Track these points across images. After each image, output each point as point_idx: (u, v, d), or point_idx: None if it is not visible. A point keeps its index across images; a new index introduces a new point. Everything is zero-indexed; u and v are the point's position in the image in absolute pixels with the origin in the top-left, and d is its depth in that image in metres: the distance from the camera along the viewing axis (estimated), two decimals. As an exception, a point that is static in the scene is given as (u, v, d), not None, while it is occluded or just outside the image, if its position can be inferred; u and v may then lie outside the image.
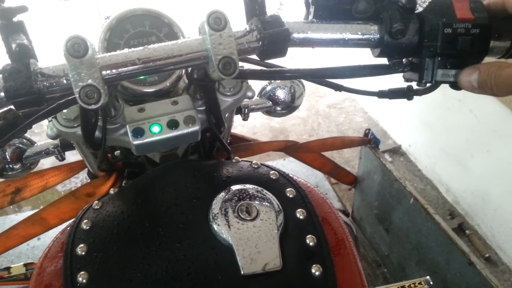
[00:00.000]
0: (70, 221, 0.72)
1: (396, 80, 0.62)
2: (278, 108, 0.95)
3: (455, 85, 0.52)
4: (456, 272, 1.30)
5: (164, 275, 0.48)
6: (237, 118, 0.92)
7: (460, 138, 2.05)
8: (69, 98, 0.49)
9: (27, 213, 1.80)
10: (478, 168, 1.99)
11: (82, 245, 0.51)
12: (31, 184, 0.98)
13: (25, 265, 1.35)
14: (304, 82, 0.98)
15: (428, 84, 0.55)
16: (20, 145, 0.82)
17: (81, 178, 2.10)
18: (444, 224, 1.34)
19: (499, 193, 1.88)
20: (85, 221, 0.54)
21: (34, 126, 0.50)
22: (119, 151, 0.81)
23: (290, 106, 0.96)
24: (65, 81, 0.44)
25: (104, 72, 0.45)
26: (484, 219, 2.00)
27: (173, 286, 0.48)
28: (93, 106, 0.43)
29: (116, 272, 0.49)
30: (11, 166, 0.82)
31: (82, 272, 0.49)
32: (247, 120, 0.93)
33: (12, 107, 0.47)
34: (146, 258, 0.50)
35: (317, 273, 0.50)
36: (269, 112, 0.96)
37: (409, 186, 1.45)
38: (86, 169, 0.94)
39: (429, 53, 0.50)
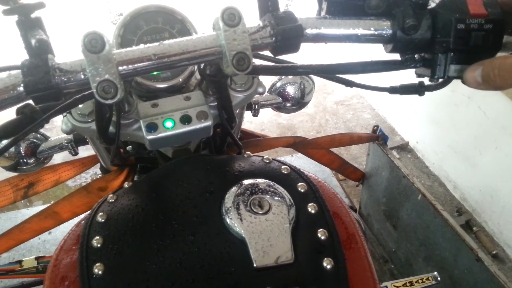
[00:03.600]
0: (83, 214, 0.73)
1: (407, 77, 0.62)
2: (288, 104, 0.96)
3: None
4: (464, 268, 1.30)
5: (178, 267, 0.49)
6: (247, 114, 0.93)
7: (469, 134, 2.04)
8: (86, 93, 0.50)
9: (38, 207, 1.83)
10: (486, 165, 1.98)
11: (97, 237, 0.52)
12: (44, 178, 0.99)
13: (37, 258, 1.37)
14: (313, 78, 0.99)
15: (440, 80, 0.55)
16: (35, 140, 0.83)
17: (91, 173, 2.12)
18: (452, 220, 1.34)
19: (507, 190, 1.87)
20: (100, 213, 0.55)
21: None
22: (131, 147, 0.82)
23: (299, 102, 0.97)
24: (82, 76, 0.45)
25: (120, 68, 0.46)
26: (492, 216, 2.00)
27: (187, 277, 0.49)
28: (110, 101, 0.44)
29: (131, 264, 0.50)
30: (25, 160, 0.84)
31: (98, 264, 0.50)
32: (257, 116, 0.93)
33: (29, 102, 0.48)
34: (161, 250, 0.51)
35: (328, 266, 0.51)
36: (279, 108, 0.97)
37: (417, 182, 1.45)
38: (98, 164, 0.96)
39: (441, 48, 0.51)
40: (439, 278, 1.16)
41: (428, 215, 1.41)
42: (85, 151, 0.94)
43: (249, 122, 2.39)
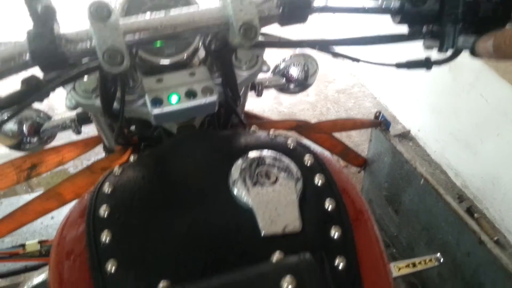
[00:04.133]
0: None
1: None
2: (292, 86, 0.96)
3: (475, 53, 0.52)
4: (466, 251, 1.31)
5: (185, 236, 0.50)
6: (249, 101, 0.92)
7: (470, 122, 2.04)
8: (90, 64, 0.50)
9: (40, 193, 1.83)
10: (488, 152, 1.98)
11: (104, 207, 0.53)
12: (47, 159, 0.99)
13: (40, 242, 1.38)
14: (317, 60, 0.98)
15: (448, 53, 0.55)
16: (38, 119, 0.83)
17: (93, 160, 2.11)
18: (454, 204, 1.34)
19: (509, 177, 1.87)
20: (106, 184, 0.56)
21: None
22: (134, 126, 0.82)
23: (303, 84, 0.97)
24: (88, 45, 0.45)
25: (127, 36, 0.46)
26: (493, 203, 2.00)
27: (194, 246, 0.49)
28: (116, 69, 0.44)
29: (139, 232, 0.50)
30: (28, 139, 0.83)
31: (105, 232, 0.50)
32: (260, 96, 0.93)
33: (34, 74, 0.48)
34: (168, 220, 0.51)
35: (336, 235, 0.51)
36: (282, 89, 0.97)
37: (420, 167, 1.45)
38: (101, 146, 0.96)
39: (450, 20, 0.50)
40: (442, 260, 1.17)
41: (431, 199, 1.41)
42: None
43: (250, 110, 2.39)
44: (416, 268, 1.21)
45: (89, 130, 0.96)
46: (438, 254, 1.20)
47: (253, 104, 0.87)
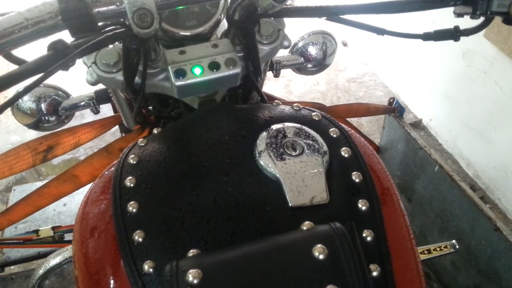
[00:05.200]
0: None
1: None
2: (309, 65, 0.95)
3: (509, 18, 0.51)
4: (481, 238, 1.30)
5: (213, 205, 0.49)
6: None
7: (484, 110, 2.01)
8: (118, 31, 0.49)
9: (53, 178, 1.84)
10: (501, 141, 1.96)
11: (130, 177, 0.52)
12: (63, 141, 0.98)
13: (53, 228, 1.38)
14: (336, 38, 0.97)
15: (479, 22, 0.54)
16: (56, 97, 0.83)
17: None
18: (470, 191, 1.33)
19: (523, 167, 1.85)
20: (131, 156, 0.55)
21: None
22: (152, 106, 0.81)
23: (321, 64, 0.95)
24: (118, 5, 0.44)
25: None
26: (506, 193, 1.98)
27: (222, 215, 0.48)
28: (145, 31, 0.43)
29: (166, 202, 0.49)
30: (47, 118, 0.83)
31: (132, 202, 0.50)
32: (278, 76, 0.92)
33: (60, 38, 0.47)
34: (195, 189, 0.50)
35: (363, 208, 0.50)
36: (300, 69, 0.96)
37: (434, 154, 1.44)
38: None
39: None
40: (457, 246, 1.16)
41: (445, 187, 1.40)
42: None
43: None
44: (431, 255, 1.19)
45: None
46: (454, 241, 1.18)
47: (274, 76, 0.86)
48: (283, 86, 2.51)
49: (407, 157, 1.57)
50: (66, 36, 0.46)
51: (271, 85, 2.51)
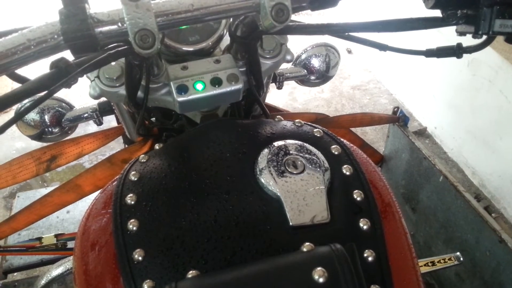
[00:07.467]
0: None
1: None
2: (313, 77, 0.95)
3: (511, 37, 0.50)
4: (486, 250, 1.28)
5: (213, 224, 0.49)
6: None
7: (489, 119, 2.00)
8: (120, 48, 0.49)
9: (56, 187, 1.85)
10: (507, 150, 1.94)
11: (131, 194, 0.52)
12: (67, 151, 0.99)
13: (56, 236, 1.38)
14: (339, 50, 0.97)
15: (482, 40, 0.53)
16: (60, 109, 0.83)
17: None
18: (474, 201, 1.32)
19: (529, 176, 1.84)
20: (132, 172, 0.55)
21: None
22: (155, 118, 0.81)
23: (324, 76, 0.95)
24: (120, 26, 0.44)
25: (158, 18, 0.45)
26: (511, 202, 1.96)
27: (222, 234, 0.48)
28: (146, 51, 0.43)
29: (166, 220, 0.49)
30: (50, 129, 0.83)
31: (132, 220, 0.49)
32: (281, 88, 0.92)
33: (63, 56, 0.47)
34: (195, 208, 0.50)
35: (365, 227, 0.50)
36: (303, 81, 0.96)
37: (439, 164, 1.43)
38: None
39: (486, 2, 0.49)
40: (461, 258, 1.15)
41: (450, 197, 1.39)
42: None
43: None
44: (435, 267, 1.18)
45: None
46: (458, 253, 1.17)
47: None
48: (287, 94, 2.51)
49: (411, 166, 1.56)
50: (68, 54, 0.47)
51: (275, 93, 2.51)
